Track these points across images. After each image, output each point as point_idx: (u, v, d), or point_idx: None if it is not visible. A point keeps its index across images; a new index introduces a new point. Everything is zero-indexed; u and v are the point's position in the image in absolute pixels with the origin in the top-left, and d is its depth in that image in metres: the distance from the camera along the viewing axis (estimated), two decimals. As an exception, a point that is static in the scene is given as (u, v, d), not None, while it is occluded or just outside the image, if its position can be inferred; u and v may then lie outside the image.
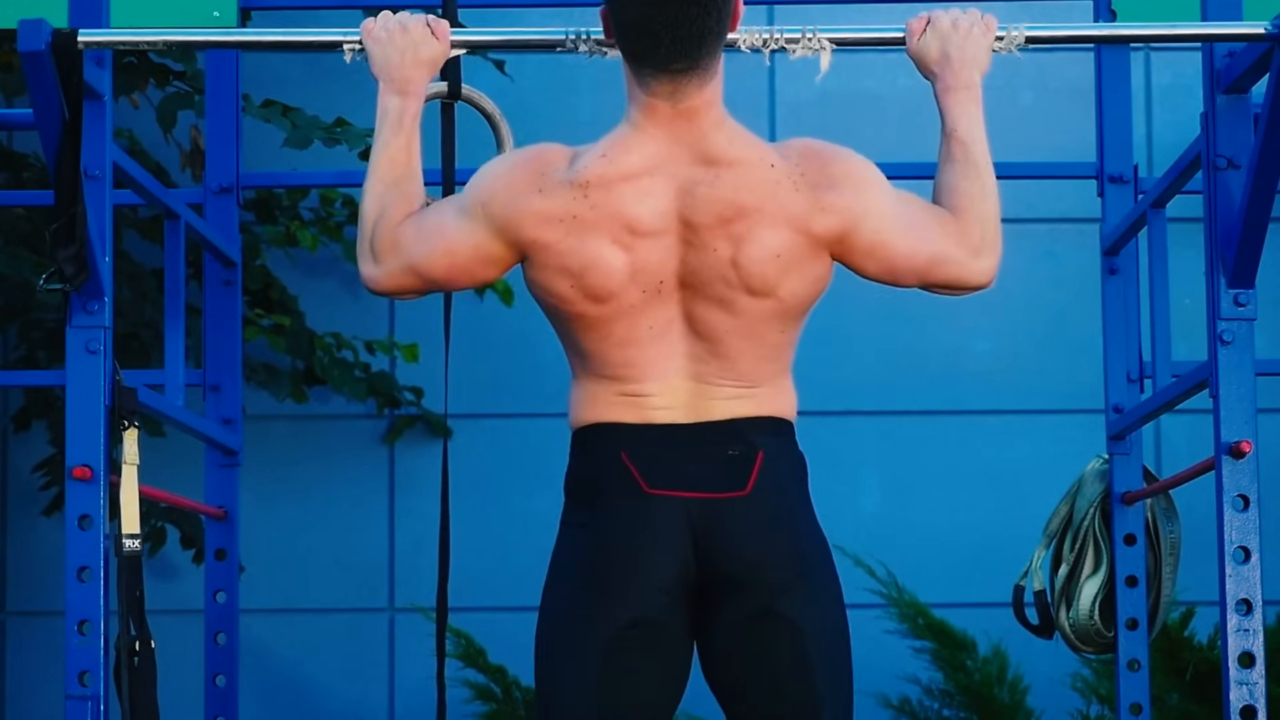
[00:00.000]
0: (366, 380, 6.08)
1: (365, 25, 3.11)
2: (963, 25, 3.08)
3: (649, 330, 2.87)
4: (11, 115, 4.15)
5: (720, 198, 2.84)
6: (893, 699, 5.89)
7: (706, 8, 2.78)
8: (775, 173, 2.86)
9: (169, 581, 6.10)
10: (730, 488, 2.85)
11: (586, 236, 2.84)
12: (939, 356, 6.30)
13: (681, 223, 2.85)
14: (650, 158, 2.86)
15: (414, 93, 3.05)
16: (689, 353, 2.88)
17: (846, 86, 6.34)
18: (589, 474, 2.89)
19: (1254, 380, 3.57)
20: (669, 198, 2.85)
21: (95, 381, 3.54)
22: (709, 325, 2.87)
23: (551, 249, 2.85)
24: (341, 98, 5.63)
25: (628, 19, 2.80)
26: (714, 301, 2.86)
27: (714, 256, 2.84)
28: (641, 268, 2.84)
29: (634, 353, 2.87)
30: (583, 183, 2.84)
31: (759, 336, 2.89)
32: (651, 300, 2.86)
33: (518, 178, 2.88)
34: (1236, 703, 3.50)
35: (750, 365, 2.89)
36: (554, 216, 2.85)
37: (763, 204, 2.84)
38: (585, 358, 2.91)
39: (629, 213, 2.84)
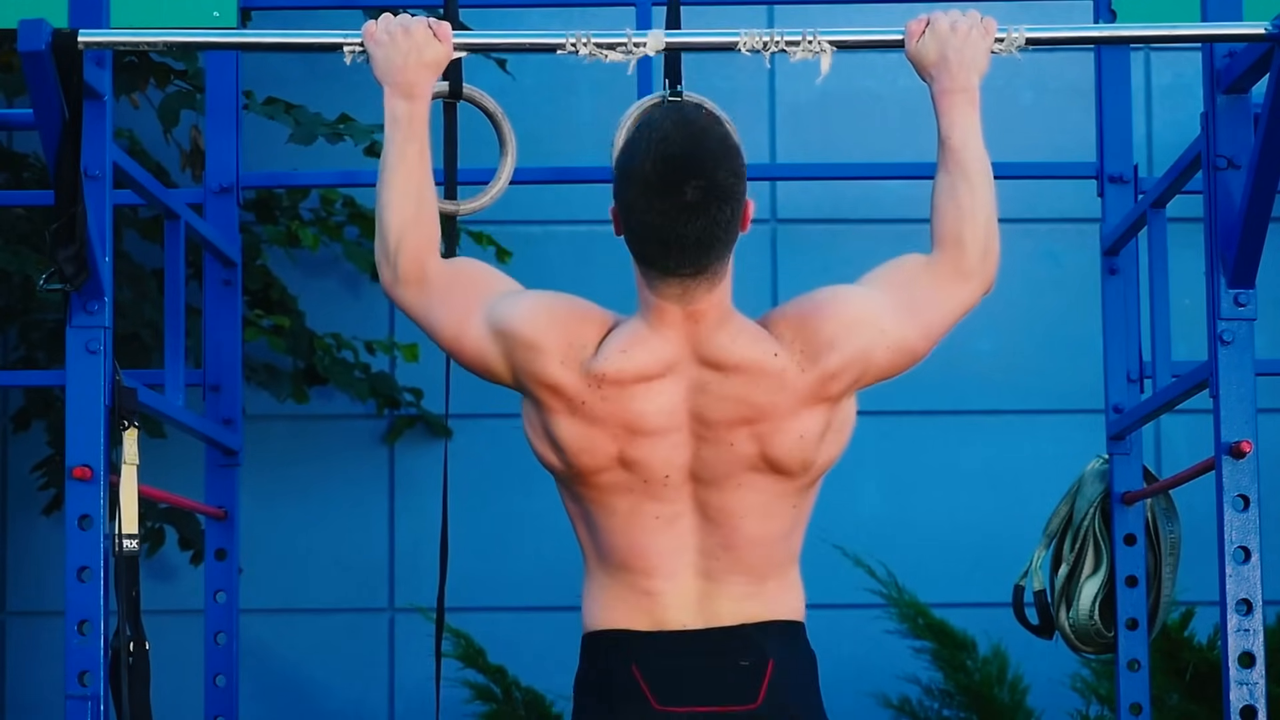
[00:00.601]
0: (367, 380, 6.08)
1: (367, 28, 3.10)
2: (961, 27, 3.07)
3: (656, 520, 2.85)
4: (11, 115, 4.15)
5: (733, 398, 2.82)
6: (893, 699, 5.89)
7: (715, 218, 2.75)
8: (779, 362, 2.83)
9: (168, 582, 6.10)
10: (742, 700, 2.83)
11: (587, 425, 2.83)
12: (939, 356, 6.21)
13: (694, 419, 2.83)
14: (663, 359, 2.83)
15: (420, 95, 3.03)
16: (699, 546, 2.86)
17: (846, 87, 6.34)
18: (599, 683, 2.87)
19: (1254, 380, 3.57)
20: (680, 397, 2.83)
21: (95, 381, 3.54)
22: (724, 512, 2.85)
23: (550, 415, 2.86)
24: (343, 95, 5.63)
25: (637, 224, 2.78)
26: (730, 488, 2.84)
27: (731, 451, 2.83)
28: (639, 461, 2.83)
29: (641, 541, 2.85)
30: (599, 375, 2.82)
31: (776, 515, 2.86)
32: (656, 489, 2.84)
33: (550, 339, 2.85)
34: (1236, 703, 3.50)
35: (763, 555, 2.86)
36: (564, 393, 2.84)
37: (775, 400, 2.83)
38: (594, 540, 2.89)
39: (636, 410, 2.82)
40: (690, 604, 2.86)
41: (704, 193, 2.73)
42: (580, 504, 2.89)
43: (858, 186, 6.20)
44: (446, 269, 2.96)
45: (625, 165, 2.78)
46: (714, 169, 2.74)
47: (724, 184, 2.75)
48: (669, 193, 2.73)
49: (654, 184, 2.74)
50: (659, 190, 2.73)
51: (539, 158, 5.66)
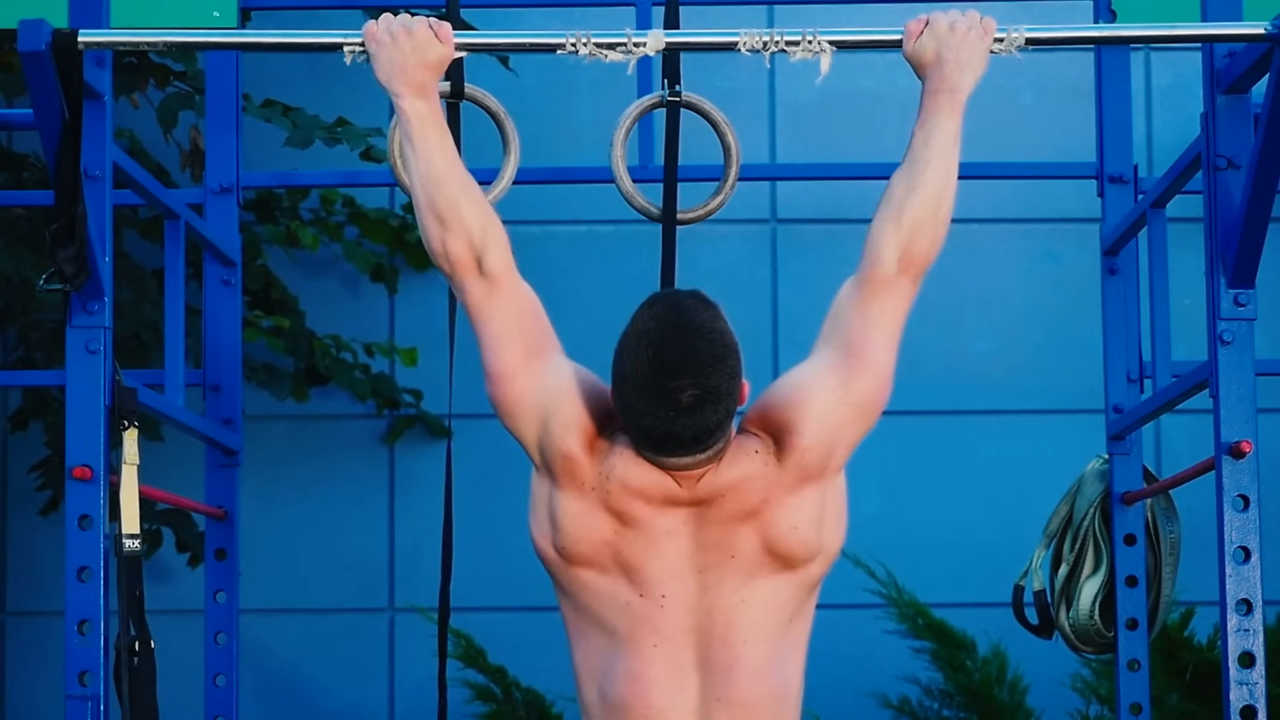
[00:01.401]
0: (368, 381, 6.08)
1: (368, 29, 3.10)
2: (959, 28, 3.07)
3: (654, 650, 2.85)
4: (11, 115, 4.15)
5: (727, 515, 2.84)
6: (893, 699, 5.89)
7: (709, 417, 2.78)
8: (760, 459, 2.85)
9: (168, 582, 6.10)
10: None
11: (591, 510, 2.85)
12: (939, 356, 6.30)
13: (696, 547, 2.85)
14: (664, 492, 2.85)
15: (430, 94, 3.04)
16: (700, 695, 2.85)
17: (846, 87, 6.34)
18: None
19: (1254, 380, 3.57)
20: (679, 522, 2.85)
21: (95, 381, 3.54)
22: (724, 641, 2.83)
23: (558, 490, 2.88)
24: (342, 97, 5.63)
25: (633, 422, 2.80)
26: (735, 606, 2.84)
27: (735, 563, 2.85)
28: (636, 566, 2.84)
29: (641, 671, 2.84)
30: (610, 468, 2.85)
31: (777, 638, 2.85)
32: (654, 612, 2.84)
33: (585, 420, 2.87)
34: (1236, 703, 3.50)
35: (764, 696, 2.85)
36: (578, 474, 2.87)
37: (767, 497, 2.84)
38: (592, 681, 2.88)
39: (637, 513, 2.84)
40: None
41: (698, 398, 2.76)
42: (579, 617, 2.88)
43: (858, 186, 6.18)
44: (523, 291, 2.95)
45: (620, 367, 2.80)
46: (709, 374, 2.76)
47: (717, 388, 2.77)
48: (663, 399, 2.76)
49: (648, 390, 2.76)
50: (653, 396, 2.76)
51: (539, 158, 5.66)
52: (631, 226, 5.68)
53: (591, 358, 3.02)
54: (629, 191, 3.66)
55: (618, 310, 2.89)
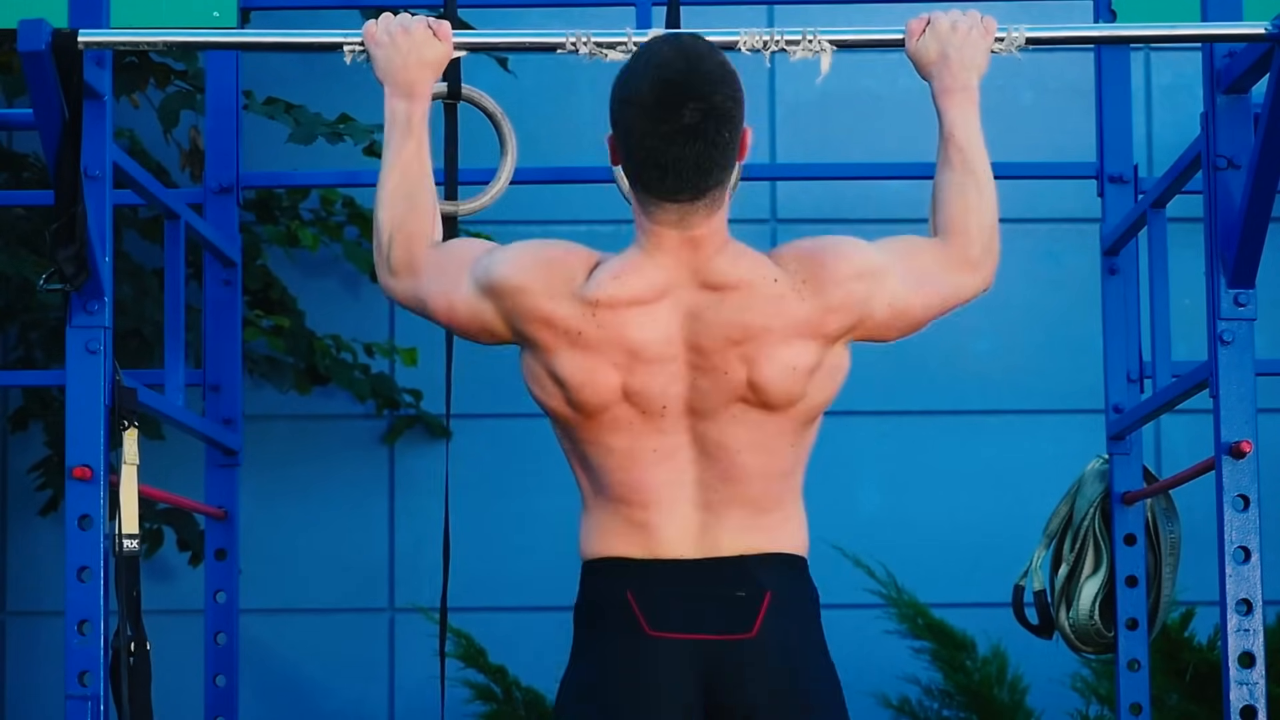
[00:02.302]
0: (368, 381, 6.08)
1: (367, 28, 3.11)
2: (961, 27, 3.08)
3: (653, 453, 2.84)
4: (11, 115, 4.15)
5: (728, 320, 2.83)
6: (893, 699, 5.89)
7: (714, 140, 2.76)
8: (779, 288, 2.84)
9: (168, 582, 6.10)
10: (736, 630, 2.82)
11: (586, 355, 2.83)
12: (939, 356, 6.29)
13: (689, 348, 2.83)
14: (658, 284, 2.84)
15: (420, 95, 3.05)
16: (698, 478, 2.86)
17: (846, 86, 6.34)
18: (594, 609, 2.87)
19: (1254, 380, 3.57)
20: (676, 324, 2.84)
21: (95, 381, 3.54)
22: (721, 446, 2.84)
23: (549, 354, 2.85)
24: (343, 96, 5.63)
25: (635, 149, 2.79)
26: (726, 420, 2.84)
27: (725, 379, 2.83)
28: (639, 391, 2.83)
29: (639, 475, 2.85)
30: (592, 301, 2.83)
31: (772, 452, 2.86)
32: (655, 422, 2.84)
33: (535, 277, 2.86)
34: (1236, 703, 3.50)
35: (761, 490, 2.86)
36: (559, 326, 2.84)
37: (770, 322, 2.83)
38: (590, 475, 2.89)
39: (633, 338, 2.83)
40: (688, 536, 2.85)
41: (702, 115, 2.75)
42: (578, 446, 2.89)
43: (858, 186, 6.20)
44: (434, 252, 2.98)
45: (623, 90, 2.79)
46: (711, 92, 2.76)
47: (722, 107, 2.76)
48: (667, 116, 2.75)
49: (652, 107, 2.75)
50: (657, 114, 2.75)
51: (539, 158, 5.66)
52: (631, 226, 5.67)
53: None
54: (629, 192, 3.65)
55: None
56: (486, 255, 2.92)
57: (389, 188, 3.00)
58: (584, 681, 2.85)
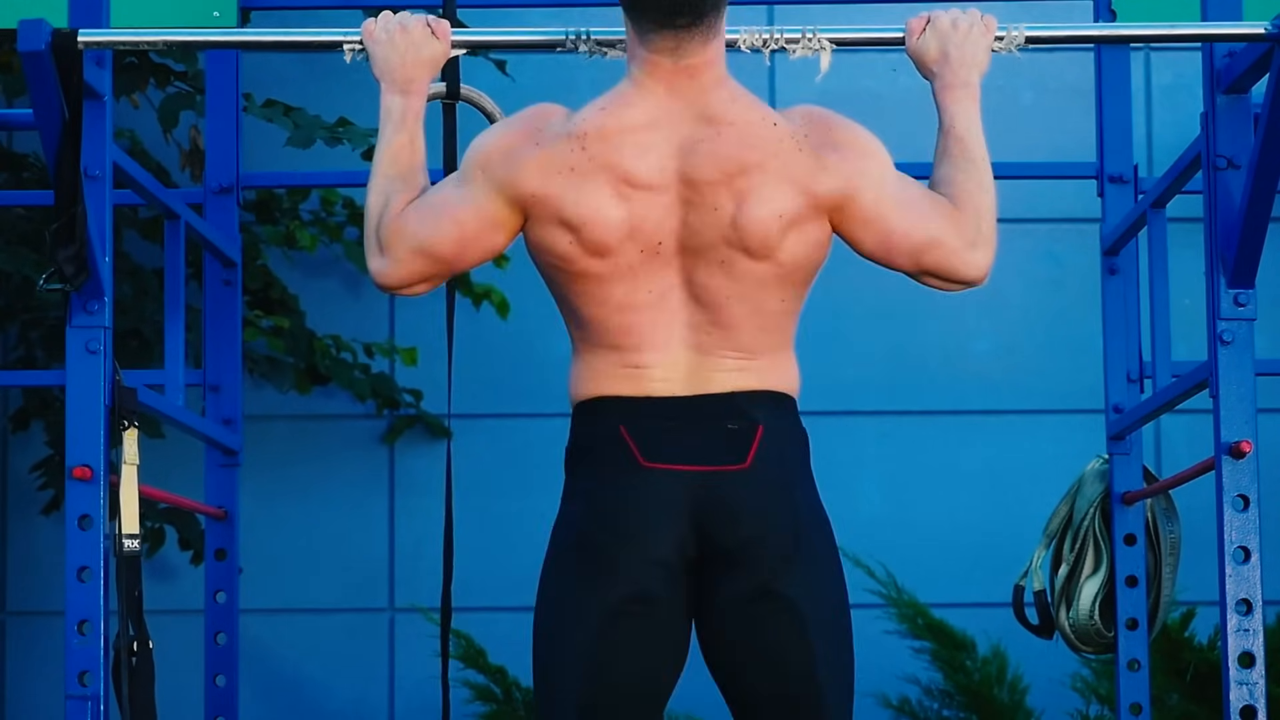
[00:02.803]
0: (368, 381, 6.08)
1: (366, 26, 3.12)
2: (962, 25, 3.09)
3: (648, 295, 2.86)
4: (11, 115, 4.15)
5: (722, 153, 2.84)
6: (893, 699, 5.89)
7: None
8: (778, 131, 2.86)
9: (168, 582, 6.10)
10: (729, 460, 2.84)
11: (585, 187, 2.83)
12: (939, 356, 6.29)
13: (682, 181, 2.84)
14: (650, 113, 2.86)
15: (416, 92, 3.06)
16: (689, 321, 2.87)
17: (846, 86, 6.33)
18: (587, 447, 2.88)
19: (1254, 380, 3.57)
20: (669, 154, 2.85)
21: (95, 381, 3.54)
22: (709, 291, 2.86)
23: (550, 201, 2.85)
24: (343, 98, 5.63)
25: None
26: (715, 265, 2.85)
27: (715, 216, 2.84)
28: (639, 224, 2.84)
29: (633, 318, 2.86)
30: (580, 134, 2.85)
31: (759, 303, 2.88)
32: (650, 262, 2.85)
33: (514, 135, 2.89)
34: (1236, 703, 3.50)
35: (751, 335, 2.88)
36: (552, 168, 2.85)
37: (765, 161, 2.84)
38: (585, 326, 2.90)
39: (627, 165, 2.84)
40: (679, 375, 2.87)
41: None
42: (577, 299, 2.89)
43: (858, 186, 6.19)
44: (413, 203, 2.96)
45: None
46: None
47: None
48: None
49: None
50: None
51: (539, 158, 5.65)
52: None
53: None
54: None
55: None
56: (462, 165, 2.92)
57: (378, 175, 3.00)
58: (576, 520, 2.86)
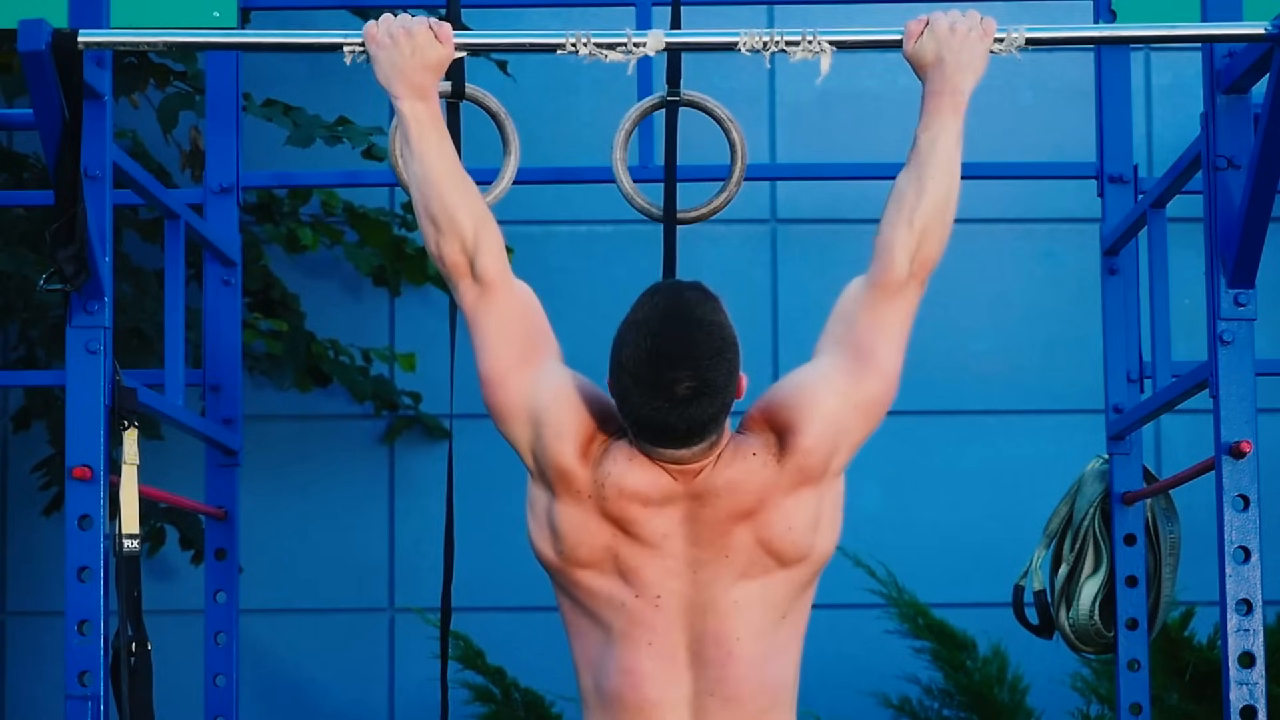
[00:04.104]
0: (368, 382, 6.08)
1: (368, 30, 3.11)
2: (960, 29, 3.08)
3: (649, 648, 2.86)
4: (11, 115, 4.15)
5: (722, 515, 2.85)
6: (893, 699, 5.89)
7: (705, 409, 2.79)
8: (758, 461, 2.86)
9: (169, 582, 6.10)
10: None
11: (589, 517, 2.86)
12: (939, 356, 6.29)
13: (690, 545, 2.86)
14: (660, 490, 2.86)
15: (430, 96, 3.05)
16: (694, 688, 2.86)
17: (846, 87, 6.34)
18: None
19: (1254, 380, 3.57)
20: (674, 525, 2.86)
21: (95, 381, 3.54)
22: (718, 641, 2.85)
23: (556, 501, 2.88)
24: (342, 98, 5.63)
25: (629, 412, 2.81)
26: (727, 607, 2.85)
27: (728, 562, 2.86)
28: (635, 571, 2.85)
29: (636, 666, 2.85)
30: (604, 476, 2.86)
31: (770, 635, 2.87)
32: (650, 613, 2.86)
33: (577, 430, 2.88)
34: (1236, 703, 3.50)
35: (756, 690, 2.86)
36: (574, 484, 2.87)
37: (764, 495, 2.85)
38: (591, 669, 2.90)
39: (634, 519, 2.85)
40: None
41: (695, 390, 2.77)
42: (576, 614, 2.90)
43: (858, 186, 6.19)
44: (517, 291, 2.96)
45: (619, 353, 2.81)
46: (706, 368, 2.78)
47: (715, 381, 2.78)
48: (659, 390, 2.77)
49: (644, 380, 2.77)
50: (649, 387, 2.77)
51: (539, 158, 5.66)
52: (632, 226, 5.68)
53: (591, 356, 3.02)
54: (630, 192, 3.66)
55: (618, 310, 2.89)
56: (551, 375, 2.90)
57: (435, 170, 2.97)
58: None
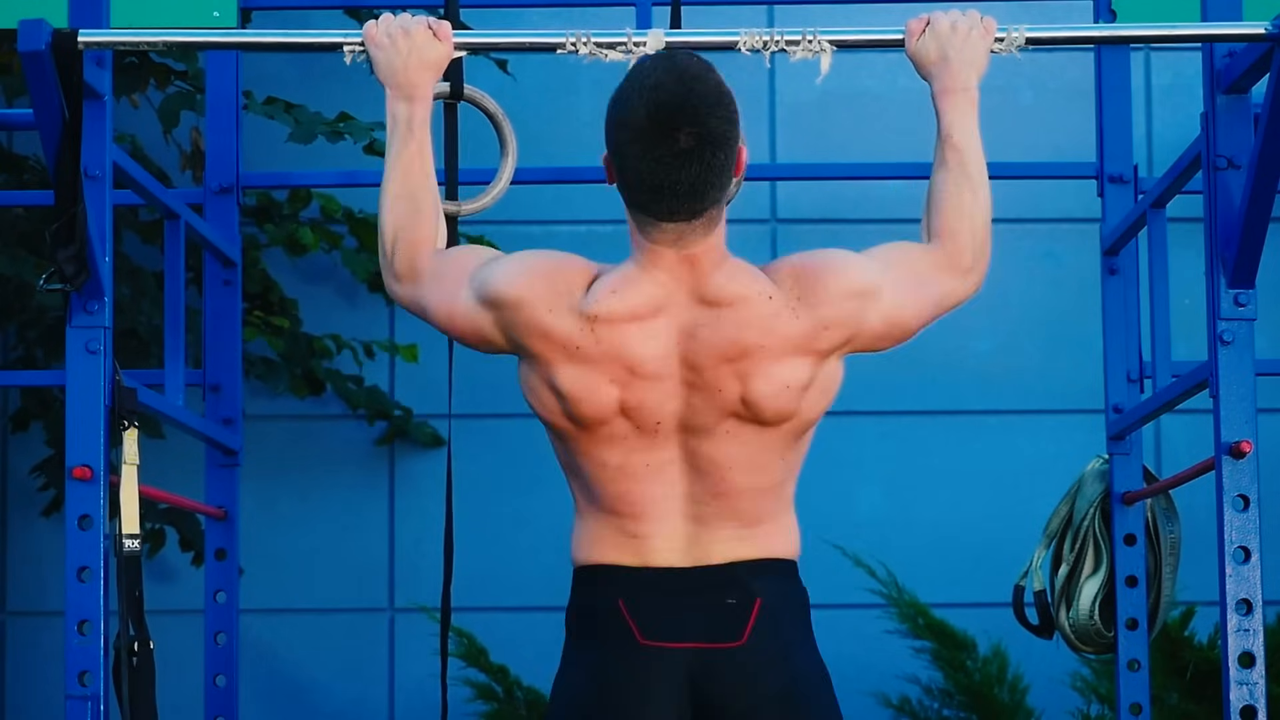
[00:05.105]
0: (362, 393, 6.07)
1: (367, 29, 3.11)
2: (961, 27, 3.09)
3: (645, 467, 2.87)
4: (11, 115, 4.15)
5: (723, 338, 2.84)
6: (893, 699, 5.89)
7: (709, 164, 2.78)
8: (774, 304, 2.85)
9: (169, 582, 6.10)
10: (726, 638, 2.85)
11: (585, 368, 2.84)
12: (939, 356, 6.29)
13: (685, 366, 2.85)
14: (655, 300, 2.85)
15: (421, 97, 3.06)
16: (688, 493, 2.88)
17: (846, 86, 6.34)
18: (587, 617, 2.90)
19: (1254, 380, 3.57)
20: (672, 341, 2.85)
21: (95, 381, 3.54)
22: (712, 462, 2.86)
23: (548, 366, 2.86)
24: (342, 96, 5.63)
25: (630, 172, 2.80)
26: (719, 437, 2.86)
27: (720, 396, 2.85)
28: (636, 406, 2.85)
29: (631, 487, 2.87)
30: (591, 315, 2.84)
31: (762, 468, 2.88)
32: (648, 438, 2.86)
33: (534, 290, 2.87)
34: (1236, 703, 3.50)
35: (752, 502, 2.88)
36: (558, 340, 2.85)
37: (764, 340, 2.84)
38: (583, 485, 2.91)
39: (631, 353, 2.84)
40: (678, 546, 2.88)
41: (697, 139, 2.76)
42: (573, 458, 2.91)
43: (858, 186, 6.20)
44: (436, 259, 3.00)
45: (618, 113, 2.80)
46: (707, 116, 2.77)
47: (717, 130, 2.78)
48: (662, 140, 2.76)
49: (647, 131, 2.76)
50: (652, 138, 2.76)
51: (539, 158, 5.66)
52: (631, 226, 5.66)
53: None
54: None
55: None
56: (485, 266, 2.93)
57: (391, 191, 3.01)
58: (576, 691, 2.88)
